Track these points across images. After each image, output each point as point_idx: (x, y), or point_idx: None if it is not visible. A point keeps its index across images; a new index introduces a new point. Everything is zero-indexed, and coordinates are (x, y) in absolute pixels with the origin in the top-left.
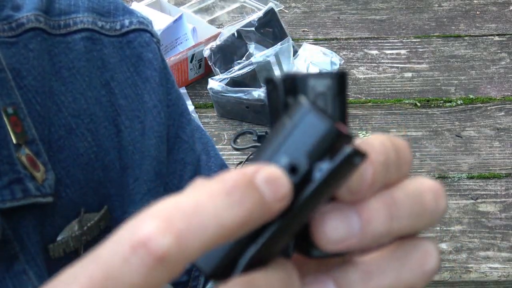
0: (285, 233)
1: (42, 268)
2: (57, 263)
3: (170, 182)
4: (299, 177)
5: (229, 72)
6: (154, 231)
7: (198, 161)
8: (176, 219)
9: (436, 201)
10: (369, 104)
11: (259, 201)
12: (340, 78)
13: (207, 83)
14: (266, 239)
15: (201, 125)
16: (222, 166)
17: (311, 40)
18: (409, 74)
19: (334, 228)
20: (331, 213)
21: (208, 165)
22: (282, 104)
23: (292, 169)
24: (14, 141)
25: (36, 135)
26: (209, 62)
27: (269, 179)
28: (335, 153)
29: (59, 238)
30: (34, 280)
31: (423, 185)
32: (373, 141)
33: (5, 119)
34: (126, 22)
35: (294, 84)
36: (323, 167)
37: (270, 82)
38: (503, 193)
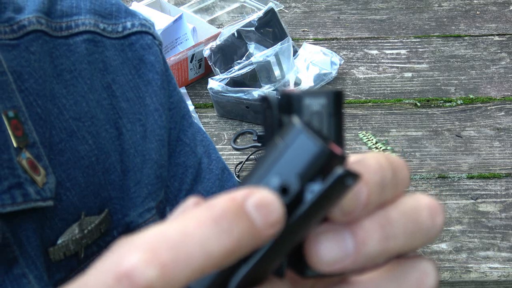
0: (277, 254)
1: (42, 271)
2: (58, 266)
3: (172, 185)
4: (290, 198)
5: (229, 72)
6: (138, 262)
7: (200, 164)
8: (161, 250)
9: (433, 219)
10: (369, 104)
11: (249, 228)
12: (335, 97)
13: (207, 83)
14: (258, 259)
15: (202, 127)
16: (223, 169)
17: (311, 40)
18: (409, 74)
19: (328, 249)
20: (325, 234)
21: (209, 168)
22: (276, 123)
23: (283, 190)
24: (15, 144)
25: (36, 138)
26: (209, 62)
27: (260, 205)
28: (327, 174)
29: (59, 241)
30: (34, 283)
31: (419, 202)
32: (368, 160)
33: (6, 123)
34: (128, 24)
35: (289, 103)
36: (315, 189)
37: (265, 100)
38: (503, 193)
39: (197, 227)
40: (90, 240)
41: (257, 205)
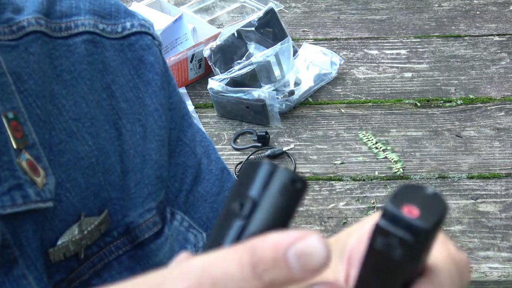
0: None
1: (42, 272)
2: (57, 266)
3: (172, 186)
4: (248, 209)
5: (229, 72)
6: None
7: (199, 165)
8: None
9: None
10: (369, 104)
11: (284, 276)
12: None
13: (207, 83)
14: None
15: (202, 128)
16: (223, 170)
17: (311, 40)
18: (409, 74)
19: None
20: None
21: (209, 168)
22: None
23: (240, 206)
24: (15, 146)
25: (36, 139)
26: (209, 62)
27: (303, 253)
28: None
29: (59, 242)
30: (33, 284)
31: None
32: (443, 281)
33: (5, 124)
34: (128, 24)
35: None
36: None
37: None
38: (503, 193)
39: (234, 268)
40: (90, 240)
41: (299, 253)
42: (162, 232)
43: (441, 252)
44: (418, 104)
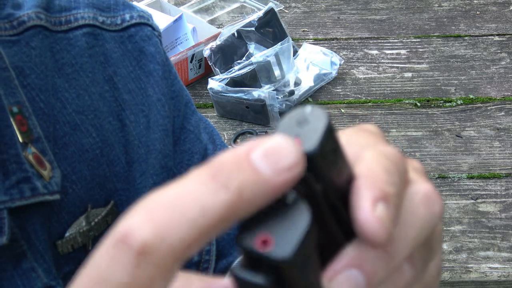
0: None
1: (51, 265)
2: (66, 258)
3: (178, 173)
4: None
5: (229, 72)
6: (134, 224)
7: (205, 151)
8: (157, 210)
9: (430, 211)
10: (369, 104)
11: (252, 178)
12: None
13: (207, 83)
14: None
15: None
16: None
17: (311, 40)
18: (409, 74)
19: None
20: (337, 276)
21: (215, 153)
22: None
23: None
24: (20, 140)
25: (41, 133)
26: (209, 62)
27: (268, 153)
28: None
29: (67, 234)
30: (42, 277)
31: (414, 199)
32: (378, 175)
33: (11, 118)
34: (127, 16)
35: None
36: None
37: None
38: (503, 193)
39: (194, 185)
40: (97, 232)
41: (264, 154)
42: None
43: (368, 153)
44: (418, 104)
